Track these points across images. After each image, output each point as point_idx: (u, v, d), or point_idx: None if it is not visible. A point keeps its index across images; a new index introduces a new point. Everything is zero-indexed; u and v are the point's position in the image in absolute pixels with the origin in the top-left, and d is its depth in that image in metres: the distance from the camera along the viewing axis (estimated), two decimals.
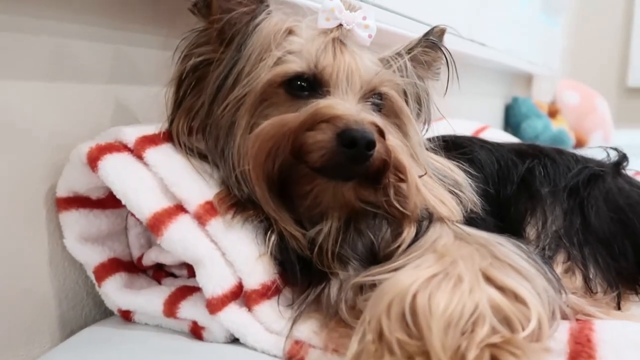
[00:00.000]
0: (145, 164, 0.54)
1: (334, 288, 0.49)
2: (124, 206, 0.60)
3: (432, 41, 0.60)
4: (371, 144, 0.46)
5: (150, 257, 0.58)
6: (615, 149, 0.66)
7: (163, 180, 0.53)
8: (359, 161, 0.47)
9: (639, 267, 0.56)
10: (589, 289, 0.51)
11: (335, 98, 0.50)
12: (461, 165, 0.58)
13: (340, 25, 0.53)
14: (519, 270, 0.42)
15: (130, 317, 0.55)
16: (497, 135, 1.36)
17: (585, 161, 0.63)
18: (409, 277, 0.40)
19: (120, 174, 0.52)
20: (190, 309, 0.51)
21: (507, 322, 0.38)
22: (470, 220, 0.52)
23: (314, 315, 0.49)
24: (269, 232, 0.52)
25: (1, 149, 0.52)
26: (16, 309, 0.55)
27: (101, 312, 0.63)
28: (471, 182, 0.56)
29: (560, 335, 0.41)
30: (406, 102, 0.57)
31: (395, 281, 0.40)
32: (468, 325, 0.36)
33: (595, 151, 0.67)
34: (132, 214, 0.59)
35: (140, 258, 0.60)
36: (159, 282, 0.60)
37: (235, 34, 0.54)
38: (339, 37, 0.53)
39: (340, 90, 0.51)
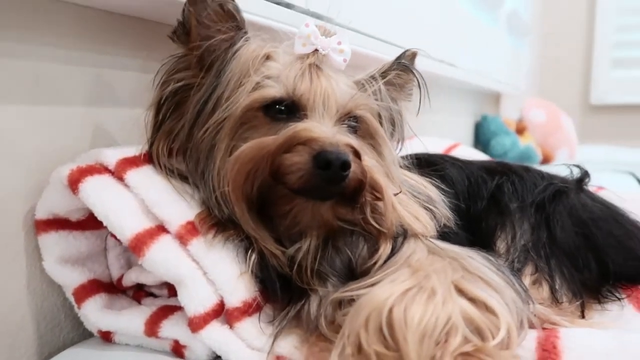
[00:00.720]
0: (126, 186, 0.54)
1: (313, 304, 0.51)
2: (104, 227, 0.60)
3: (404, 64, 0.62)
4: (346, 165, 0.48)
5: (131, 278, 0.58)
6: (578, 166, 0.70)
7: (144, 202, 0.54)
8: (334, 182, 0.49)
9: (601, 278, 0.59)
10: (555, 299, 0.54)
11: (312, 121, 0.52)
12: (434, 181, 0.60)
13: (316, 50, 0.56)
14: (489, 283, 0.45)
15: (110, 338, 0.55)
16: (468, 152, 1.41)
17: (551, 178, 0.67)
18: (384, 292, 0.42)
19: (101, 196, 0.52)
20: (171, 328, 0.52)
21: (478, 331, 0.40)
22: (444, 234, 0.54)
23: (295, 331, 0.50)
24: (250, 251, 0.53)
25: None
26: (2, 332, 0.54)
27: (79, 334, 0.63)
28: (444, 197, 0.58)
29: (528, 343, 0.43)
30: (380, 123, 0.58)
31: (372, 296, 0.42)
32: (442, 336, 0.38)
33: (559, 168, 0.71)
34: (113, 235, 0.59)
35: (120, 279, 0.60)
36: (139, 302, 0.60)
37: (215, 60, 0.55)
38: (315, 62, 0.55)
39: (317, 113, 0.53)
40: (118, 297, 0.59)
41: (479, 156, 1.46)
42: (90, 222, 0.59)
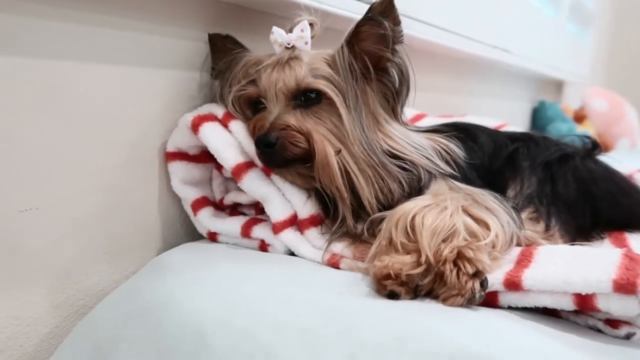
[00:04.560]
0: (230, 131, 0.75)
1: (359, 225, 0.69)
2: (211, 161, 0.82)
3: (369, 18, 0.69)
4: (269, 144, 0.67)
5: (230, 198, 0.80)
6: (590, 138, 0.84)
7: (240, 143, 0.74)
8: (271, 155, 0.68)
9: (593, 225, 0.74)
10: (547, 233, 0.70)
11: (267, 110, 0.71)
12: (455, 142, 0.76)
13: (287, 46, 0.72)
14: (490, 209, 0.62)
15: (216, 238, 0.77)
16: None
17: (563, 145, 0.82)
18: (411, 205, 0.60)
19: (213, 137, 0.73)
20: (259, 231, 0.73)
21: (473, 236, 0.57)
22: (465, 180, 0.71)
23: (344, 239, 0.69)
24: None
25: (131, 117, 0.75)
26: (136, 229, 0.78)
27: (187, 239, 0.85)
28: (461, 151, 0.74)
29: (513, 252, 0.60)
30: (344, 88, 0.69)
31: (402, 207, 0.61)
32: (447, 236, 0.56)
33: (576, 139, 0.86)
34: (217, 168, 0.81)
35: (221, 200, 0.82)
36: None
37: (221, 72, 0.78)
38: (283, 58, 0.71)
39: (271, 102, 0.71)
40: (220, 212, 0.81)
41: None
42: (202, 157, 0.81)
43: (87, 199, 0.70)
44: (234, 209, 0.83)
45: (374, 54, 0.71)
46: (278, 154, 0.68)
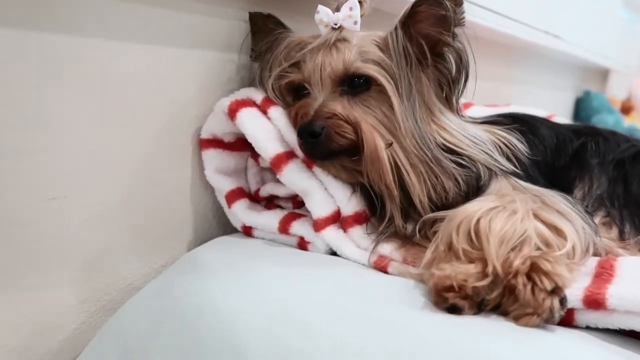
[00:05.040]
0: (269, 118, 0.70)
1: (409, 226, 0.63)
2: (247, 150, 0.77)
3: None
4: (314, 134, 0.61)
5: (267, 190, 0.74)
6: None
7: (280, 131, 0.68)
8: (314, 146, 0.62)
9: None
10: (622, 240, 0.62)
11: (310, 97, 0.65)
12: (517, 135, 0.69)
13: (334, 26, 0.65)
14: (563, 214, 0.55)
15: (251, 232, 0.72)
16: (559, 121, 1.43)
17: (636, 140, 0.73)
18: (474, 207, 0.53)
19: (252, 123, 0.68)
20: (299, 227, 0.67)
21: (547, 245, 0.51)
22: (529, 178, 0.64)
23: (393, 240, 0.63)
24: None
25: (164, 101, 0.69)
26: (166, 220, 0.73)
27: (220, 232, 0.81)
28: (523, 146, 0.67)
29: (590, 263, 0.53)
30: (397, 74, 0.62)
31: (464, 209, 0.54)
32: (517, 244, 0.49)
33: None
34: (253, 157, 0.76)
35: (256, 191, 0.76)
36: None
37: (261, 53, 0.72)
38: (329, 40, 0.65)
39: (316, 87, 0.65)
40: (255, 205, 0.75)
41: None
42: (237, 145, 0.76)
43: (116, 187, 0.65)
44: (270, 202, 0.78)
45: (431, 37, 0.64)
46: (323, 145, 0.62)
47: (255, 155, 0.76)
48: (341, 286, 0.52)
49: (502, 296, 0.48)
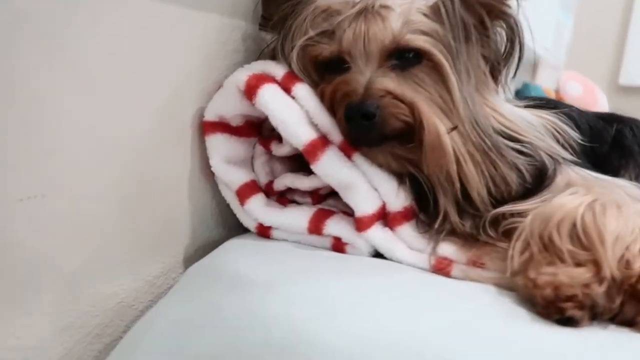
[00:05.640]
0: (293, 97, 0.58)
1: (467, 222, 0.55)
2: (255, 136, 0.65)
3: None
4: (368, 115, 0.52)
5: (284, 183, 0.63)
6: None
7: (309, 113, 0.57)
8: (366, 130, 0.53)
9: None
10: None
11: (353, 72, 0.55)
12: (562, 117, 0.63)
13: None
14: None
15: (269, 233, 0.60)
16: None
17: None
18: (573, 202, 0.46)
19: (277, 103, 0.56)
20: (335, 226, 0.56)
21: None
22: (586, 168, 0.58)
23: (452, 239, 0.55)
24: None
25: (157, 75, 0.55)
26: (161, 223, 0.59)
27: (219, 234, 0.68)
28: (574, 132, 0.61)
29: None
30: (455, 48, 0.54)
31: (559, 204, 0.47)
32: (631, 242, 0.43)
33: None
34: (261, 143, 0.64)
35: (269, 184, 0.64)
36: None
37: (280, 20, 0.60)
38: (372, 4, 0.55)
39: (360, 61, 0.55)
40: (270, 201, 0.63)
41: None
42: (244, 129, 0.63)
43: (102, 185, 0.51)
44: (282, 196, 0.66)
45: (487, 5, 0.56)
46: (376, 129, 0.52)
47: (265, 142, 0.64)
48: (426, 298, 0.43)
49: (623, 304, 0.42)
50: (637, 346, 0.38)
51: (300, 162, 0.61)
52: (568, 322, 0.41)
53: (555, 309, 0.41)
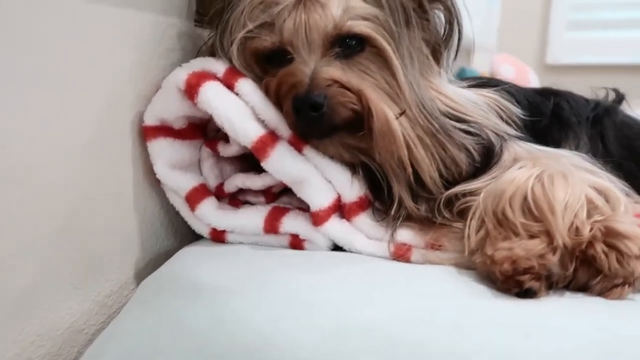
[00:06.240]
0: (237, 93, 0.56)
1: (422, 205, 0.55)
2: (200, 137, 0.62)
3: None
4: (316, 106, 0.50)
5: (235, 183, 0.61)
6: (615, 90, 0.78)
7: (254, 109, 0.55)
8: (315, 122, 0.51)
9: None
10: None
11: (297, 62, 0.53)
12: (504, 95, 0.65)
13: None
14: (595, 173, 0.52)
15: (224, 237, 0.58)
16: None
17: (595, 99, 0.75)
18: (521, 174, 0.47)
19: (221, 101, 0.54)
20: (291, 223, 0.55)
21: (598, 209, 0.47)
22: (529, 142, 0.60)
23: (408, 224, 0.55)
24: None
25: (92, 78, 0.52)
26: (107, 237, 0.56)
27: (171, 243, 0.65)
28: (516, 108, 0.63)
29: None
30: (395, 33, 0.54)
31: (510, 179, 0.48)
32: (579, 208, 0.45)
33: (599, 91, 0.79)
34: (208, 145, 0.62)
35: (219, 186, 0.62)
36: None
37: (216, 14, 0.58)
38: None
39: (303, 51, 0.54)
40: (222, 204, 0.61)
41: None
42: (188, 132, 0.61)
43: (36, 203, 0.47)
44: (233, 197, 0.64)
45: None
46: (325, 120, 0.51)
47: (211, 143, 0.62)
48: (400, 286, 0.42)
49: (576, 270, 0.43)
50: (591, 307, 0.40)
51: (250, 161, 0.60)
52: (527, 294, 0.42)
53: (514, 282, 0.41)
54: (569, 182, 0.46)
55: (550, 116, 0.69)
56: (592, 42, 3.21)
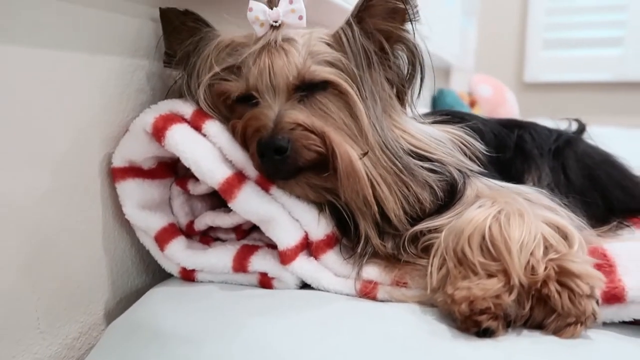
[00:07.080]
0: (204, 135, 0.57)
1: (388, 242, 0.56)
2: (170, 176, 0.63)
3: None
4: (280, 149, 0.51)
5: (204, 222, 0.61)
6: (578, 120, 0.81)
7: (222, 150, 0.56)
8: (279, 164, 0.52)
9: (607, 212, 0.70)
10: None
11: (262, 106, 0.55)
12: (467, 131, 0.67)
13: (274, 24, 0.56)
14: (553, 209, 0.53)
15: (193, 276, 0.58)
16: None
17: (557, 130, 0.77)
18: (480, 214, 0.49)
19: (188, 144, 0.55)
20: (260, 262, 0.56)
21: (553, 247, 0.48)
22: (492, 177, 0.62)
23: (375, 261, 0.56)
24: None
25: (60, 122, 0.52)
26: (76, 278, 0.56)
27: (143, 281, 0.65)
28: (479, 144, 0.65)
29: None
30: (357, 76, 0.55)
31: (469, 218, 0.49)
32: (534, 247, 0.46)
33: (561, 122, 0.82)
34: (178, 184, 0.62)
35: (189, 224, 0.63)
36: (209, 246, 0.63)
37: (184, 57, 0.60)
38: (271, 40, 0.55)
39: (267, 96, 0.55)
40: (192, 242, 0.62)
41: None
42: (158, 171, 0.61)
43: (5, 245, 0.47)
44: (204, 234, 0.65)
45: (386, 32, 0.58)
46: (289, 162, 0.52)
47: (181, 182, 0.63)
48: (359, 331, 0.43)
49: (532, 309, 0.44)
50: (550, 348, 0.41)
51: (220, 198, 0.60)
52: (485, 333, 0.43)
53: (472, 322, 0.43)
54: (525, 221, 0.48)
55: (514, 149, 0.71)
56: (568, 60, 3.31)
